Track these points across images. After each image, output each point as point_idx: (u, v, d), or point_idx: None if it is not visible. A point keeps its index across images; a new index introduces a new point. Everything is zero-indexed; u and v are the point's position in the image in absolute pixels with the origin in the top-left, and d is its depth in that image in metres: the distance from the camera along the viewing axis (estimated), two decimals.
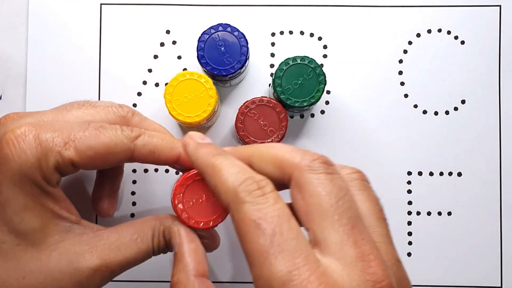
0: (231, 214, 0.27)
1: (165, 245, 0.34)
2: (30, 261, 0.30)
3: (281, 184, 0.28)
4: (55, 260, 0.30)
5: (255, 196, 0.26)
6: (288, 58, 0.39)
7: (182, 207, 0.32)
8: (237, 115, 0.39)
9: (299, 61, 0.39)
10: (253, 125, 0.39)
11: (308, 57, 0.39)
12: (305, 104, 0.39)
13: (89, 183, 0.44)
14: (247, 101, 0.39)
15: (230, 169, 0.28)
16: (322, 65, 0.44)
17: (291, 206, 0.27)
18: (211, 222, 0.32)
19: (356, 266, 0.24)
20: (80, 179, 0.44)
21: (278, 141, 0.38)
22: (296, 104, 0.39)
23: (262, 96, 0.39)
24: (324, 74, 0.39)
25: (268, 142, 0.38)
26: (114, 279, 0.44)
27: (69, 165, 0.31)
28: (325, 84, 0.39)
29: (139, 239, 0.33)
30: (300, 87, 0.39)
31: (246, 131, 0.38)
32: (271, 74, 0.44)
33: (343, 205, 0.26)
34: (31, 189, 0.30)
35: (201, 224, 0.32)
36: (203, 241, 0.34)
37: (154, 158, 0.33)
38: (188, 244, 0.32)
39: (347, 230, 0.25)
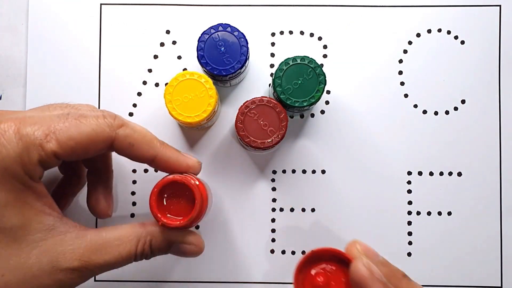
0: None
1: (150, 252, 0.34)
2: (10, 258, 0.30)
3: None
4: (35, 258, 0.30)
5: None
6: (288, 58, 0.39)
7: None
8: (237, 115, 0.39)
9: (299, 61, 0.39)
10: (253, 125, 0.38)
11: (308, 57, 0.39)
12: (305, 104, 0.39)
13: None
14: (247, 101, 0.39)
15: None
16: (322, 65, 0.44)
17: None
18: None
19: None
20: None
21: (278, 141, 0.38)
22: (296, 104, 0.39)
23: (262, 96, 0.39)
24: (324, 74, 0.39)
25: (268, 142, 0.38)
26: (114, 279, 0.44)
27: (52, 157, 0.30)
28: (325, 84, 0.39)
29: (122, 246, 0.33)
30: (300, 87, 0.39)
31: (246, 131, 0.38)
32: (271, 74, 0.44)
33: None
34: (13, 185, 0.30)
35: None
36: (186, 246, 0.35)
37: (131, 152, 0.33)
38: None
39: None
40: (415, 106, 0.45)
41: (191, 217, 0.34)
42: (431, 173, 0.45)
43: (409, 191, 0.45)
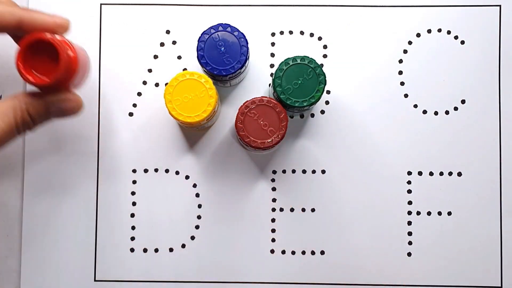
0: None
1: (31, 120, 0.36)
2: None
3: None
4: None
5: None
6: (288, 58, 0.39)
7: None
8: (237, 115, 0.39)
9: (299, 61, 0.39)
10: (253, 125, 0.38)
11: (308, 57, 0.39)
12: (305, 104, 0.39)
13: None
14: (247, 101, 0.39)
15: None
16: (322, 65, 0.44)
17: None
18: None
19: None
20: None
21: (278, 141, 0.38)
22: (296, 104, 0.39)
23: (262, 96, 0.39)
24: (324, 74, 0.39)
25: (268, 142, 0.38)
26: (114, 280, 0.44)
27: None
28: (325, 84, 0.39)
29: (0, 120, 0.34)
30: (300, 87, 0.39)
31: (246, 131, 0.38)
32: (271, 74, 0.44)
33: None
34: None
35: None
36: (64, 104, 0.37)
37: (20, 28, 0.35)
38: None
39: None
40: (415, 106, 0.45)
41: (58, 73, 0.35)
42: (431, 173, 0.45)
43: (409, 191, 0.45)
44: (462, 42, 0.45)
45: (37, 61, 0.36)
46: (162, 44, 0.45)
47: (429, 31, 0.45)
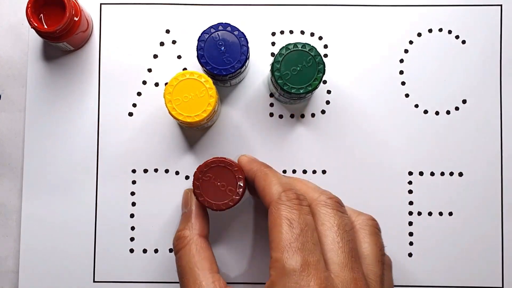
0: (269, 210, 0.33)
1: None
2: None
3: None
4: None
5: (293, 203, 0.33)
6: (289, 44, 0.39)
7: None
8: (193, 181, 0.37)
9: (300, 48, 0.39)
10: (211, 188, 0.37)
11: (309, 45, 0.39)
12: (301, 91, 0.39)
13: None
14: (200, 165, 0.37)
15: (279, 179, 0.35)
16: (326, 55, 0.44)
17: None
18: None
19: (349, 287, 0.31)
20: None
21: (239, 199, 0.37)
22: (293, 91, 0.39)
23: (213, 158, 0.38)
24: (323, 63, 0.39)
25: (226, 202, 0.37)
26: (113, 280, 0.44)
27: None
28: (324, 74, 0.39)
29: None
30: (298, 74, 0.39)
31: (204, 196, 0.37)
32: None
33: (347, 237, 0.33)
34: None
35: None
36: None
37: None
38: (198, 209, 0.38)
39: (347, 257, 0.32)
40: (416, 106, 0.45)
41: (61, 23, 0.39)
42: (432, 173, 0.44)
43: (410, 191, 0.44)
44: (463, 42, 0.45)
45: (45, 13, 0.41)
46: (162, 44, 0.45)
47: (430, 30, 0.45)
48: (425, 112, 0.45)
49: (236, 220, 0.44)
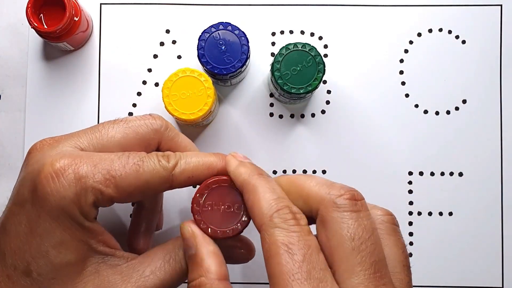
0: (261, 236, 0.28)
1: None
2: None
3: (310, 217, 0.28)
4: None
5: (289, 224, 0.27)
6: (289, 44, 0.39)
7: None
8: (193, 214, 0.31)
9: (300, 48, 0.39)
10: (214, 215, 0.31)
11: (309, 45, 0.39)
12: (301, 91, 0.39)
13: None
14: (199, 188, 0.32)
15: (268, 193, 0.28)
16: (326, 55, 0.44)
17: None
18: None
19: None
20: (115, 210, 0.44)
21: (248, 221, 0.31)
22: (293, 91, 0.39)
23: (214, 178, 0.32)
24: (323, 63, 0.39)
25: (233, 227, 0.31)
26: None
27: (108, 201, 0.30)
28: (324, 73, 0.39)
29: (172, 259, 0.32)
30: (298, 73, 0.39)
31: (207, 223, 0.31)
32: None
33: (367, 249, 0.26)
34: (69, 224, 0.29)
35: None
36: (238, 251, 0.34)
37: (192, 182, 0.32)
38: (207, 246, 0.30)
39: (368, 274, 0.26)
40: (416, 106, 0.45)
41: (61, 23, 0.39)
42: (432, 173, 0.44)
43: (410, 191, 0.44)
44: (463, 42, 0.45)
45: (45, 13, 0.41)
46: (162, 44, 0.45)
47: (430, 30, 0.45)
48: (425, 112, 0.45)
49: None
